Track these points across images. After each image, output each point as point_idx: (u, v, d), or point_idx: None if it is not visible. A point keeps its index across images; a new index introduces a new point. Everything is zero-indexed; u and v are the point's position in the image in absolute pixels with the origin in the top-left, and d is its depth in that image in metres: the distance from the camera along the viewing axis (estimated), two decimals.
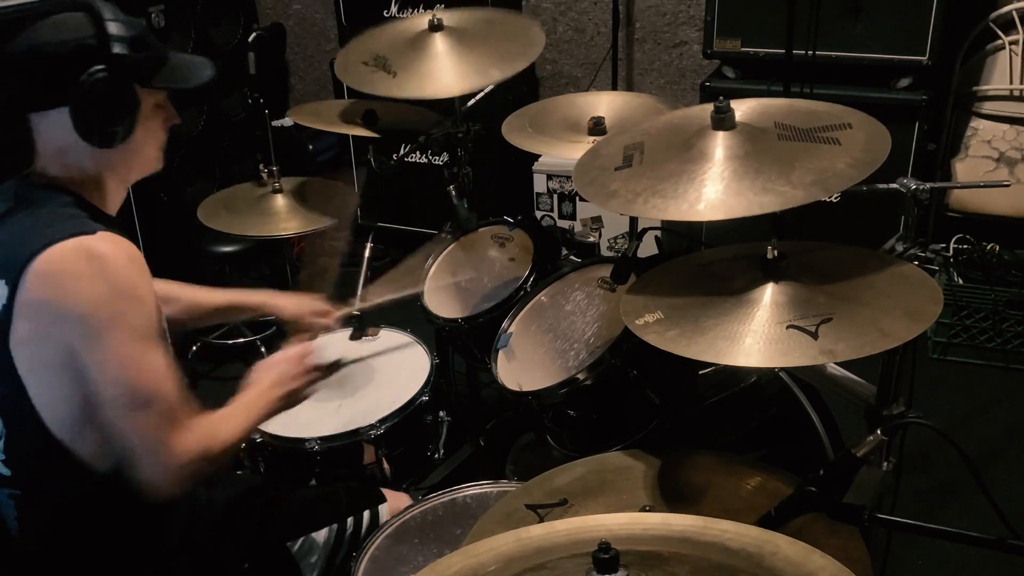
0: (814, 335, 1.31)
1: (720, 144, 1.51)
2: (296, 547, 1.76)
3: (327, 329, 1.99)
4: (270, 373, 1.66)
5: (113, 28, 1.41)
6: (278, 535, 1.76)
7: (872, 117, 1.58)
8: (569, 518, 1.13)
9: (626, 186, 1.51)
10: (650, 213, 1.46)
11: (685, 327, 1.41)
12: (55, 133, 1.44)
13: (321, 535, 1.78)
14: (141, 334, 1.39)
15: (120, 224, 1.51)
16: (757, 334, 1.35)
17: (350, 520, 1.81)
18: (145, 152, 1.56)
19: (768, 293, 1.41)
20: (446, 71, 2.27)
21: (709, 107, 1.57)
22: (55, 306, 1.36)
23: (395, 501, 1.87)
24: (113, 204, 1.55)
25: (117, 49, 1.41)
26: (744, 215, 1.39)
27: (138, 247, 1.46)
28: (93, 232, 1.40)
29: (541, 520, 1.44)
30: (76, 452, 1.44)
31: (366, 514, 1.83)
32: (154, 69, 1.50)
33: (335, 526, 1.79)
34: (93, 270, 1.37)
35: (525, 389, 1.83)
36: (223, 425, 1.52)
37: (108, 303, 1.37)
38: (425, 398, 2.06)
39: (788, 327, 1.34)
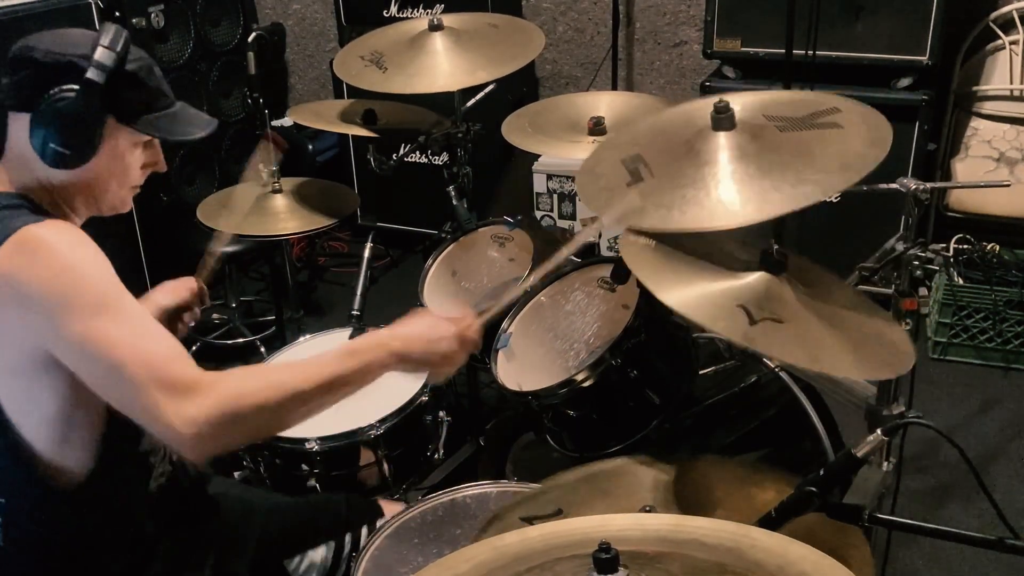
0: (752, 321, 1.33)
1: (727, 145, 1.49)
2: (293, 565, 1.75)
3: (201, 301, 1.89)
4: (403, 327, 1.51)
5: (99, 53, 1.38)
6: (276, 552, 1.74)
7: (854, 99, 1.58)
8: (541, 524, 1.13)
9: (650, 200, 1.47)
10: (692, 224, 1.42)
11: (663, 260, 1.44)
12: (20, 137, 1.41)
13: (319, 553, 1.77)
14: (96, 307, 1.30)
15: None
16: (708, 294, 1.38)
17: (348, 536, 1.81)
18: (104, 187, 1.48)
19: (752, 277, 1.42)
20: (437, 69, 2.27)
21: (690, 107, 1.56)
22: (9, 307, 1.31)
23: (392, 512, 1.86)
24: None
25: (91, 75, 1.37)
26: (791, 209, 1.37)
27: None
28: (40, 220, 1.36)
29: None
30: (56, 463, 1.40)
31: (364, 530, 1.83)
32: (139, 111, 1.45)
33: (333, 544, 1.79)
34: (32, 259, 1.31)
35: (525, 389, 1.83)
36: (269, 376, 1.41)
37: (51, 291, 1.30)
38: (425, 398, 2.06)
39: (738, 305, 1.35)
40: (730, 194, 1.42)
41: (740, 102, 1.55)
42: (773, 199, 1.40)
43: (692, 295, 1.39)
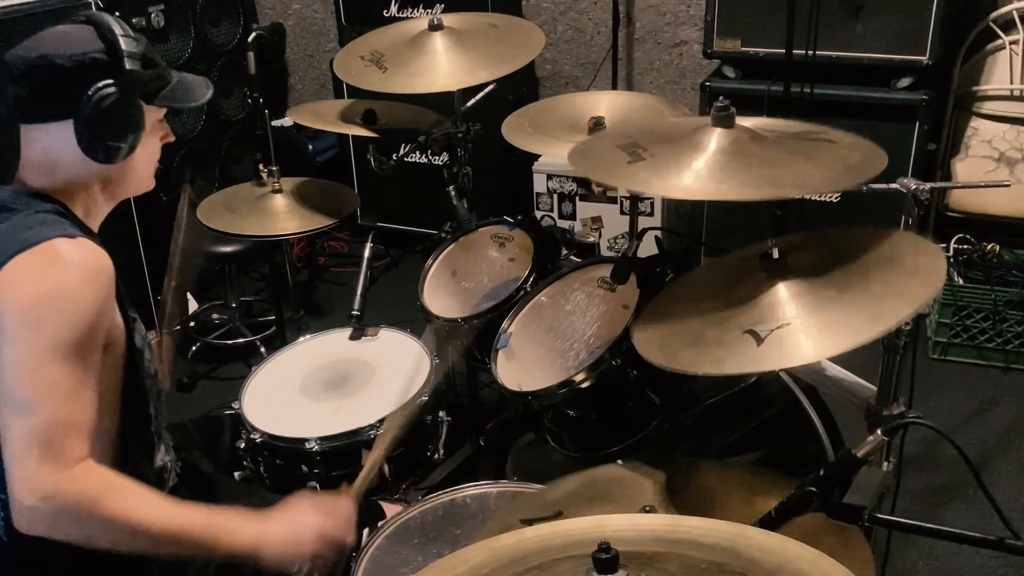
0: (760, 340, 1.34)
1: (728, 138, 1.51)
2: (295, 566, 1.75)
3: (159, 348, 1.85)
4: (275, 523, 1.47)
5: (125, 43, 1.41)
6: None
7: (855, 135, 1.60)
8: (537, 525, 1.13)
9: (655, 172, 1.49)
10: (701, 194, 1.44)
11: (671, 332, 1.46)
12: (50, 146, 1.43)
13: None
14: (57, 345, 1.31)
15: (97, 238, 1.48)
16: (714, 339, 1.39)
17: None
18: (141, 170, 1.54)
19: (755, 290, 1.42)
20: (437, 69, 2.27)
21: (680, 122, 1.56)
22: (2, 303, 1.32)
23: (391, 514, 1.86)
24: (96, 220, 1.53)
25: (129, 65, 1.40)
26: (803, 194, 1.38)
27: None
28: (73, 236, 1.38)
29: None
30: None
31: (365, 533, 1.82)
32: (159, 87, 1.49)
33: None
34: (42, 271, 1.33)
35: (525, 389, 1.83)
36: (132, 498, 1.36)
37: (37, 304, 1.31)
38: (425, 398, 2.06)
39: (744, 332, 1.36)
40: (737, 176, 1.44)
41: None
42: (784, 181, 1.41)
43: (700, 349, 1.40)
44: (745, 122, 1.57)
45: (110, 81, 1.39)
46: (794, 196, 1.40)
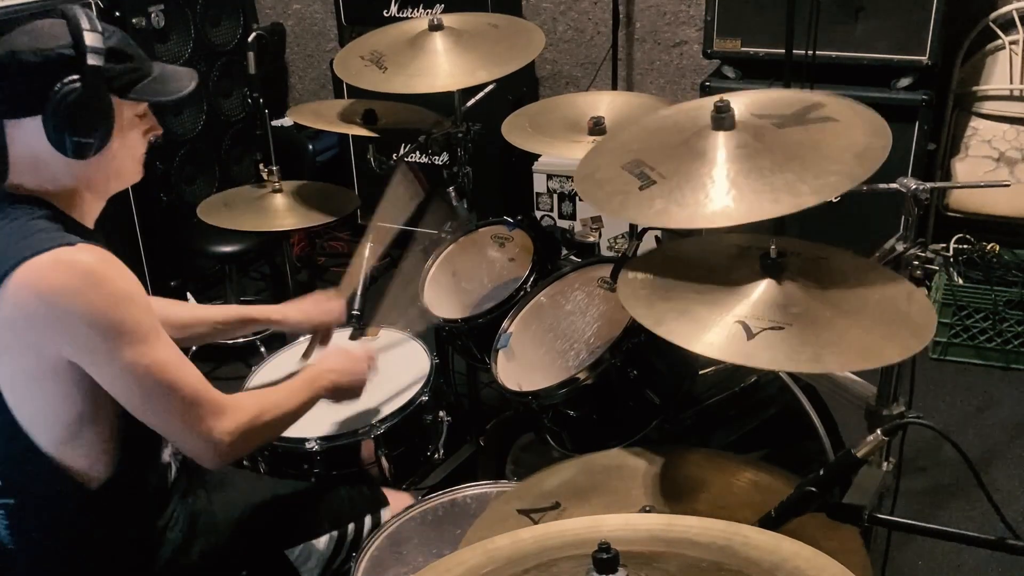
0: (751, 335, 1.34)
1: (731, 143, 1.50)
2: (295, 554, 1.75)
3: (338, 324, 2.07)
4: (330, 360, 1.78)
5: (89, 38, 1.39)
6: (278, 543, 1.75)
7: (836, 96, 1.59)
8: (533, 526, 1.13)
9: (672, 200, 1.46)
10: (722, 222, 1.41)
11: (660, 292, 1.47)
12: (29, 143, 1.42)
13: (321, 542, 1.77)
14: (143, 333, 1.39)
15: (97, 236, 1.48)
16: (705, 318, 1.39)
17: (351, 526, 1.81)
18: (122, 164, 1.51)
19: (753, 286, 1.42)
20: (437, 69, 2.27)
21: (673, 111, 1.55)
22: (46, 319, 1.33)
23: (396, 502, 1.87)
24: (90, 216, 1.52)
25: (92, 60, 1.38)
26: (818, 202, 1.38)
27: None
28: (72, 244, 1.38)
29: (536, 524, 1.44)
30: (67, 466, 1.42)
31: (368, 519, 1.83)
32: (133, 80, 1.47)
33: (335, 533, 1.79)
34: (85, 281, 1.35)
35: (525, 389, 1.83)
36: (271, 398, 1.62)
37: (106, 312, 1.35)
38: (425, 398, 2.06)
39: (736, 321, 1.36)
40: (754, 191, 1.42)
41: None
42: (801, 191, 1.40)
43: (688, 322, 1.39)
44: (737, 102, 1.55)
45: (75, 76, 1.38)
46: (818, 203, 1.38)
